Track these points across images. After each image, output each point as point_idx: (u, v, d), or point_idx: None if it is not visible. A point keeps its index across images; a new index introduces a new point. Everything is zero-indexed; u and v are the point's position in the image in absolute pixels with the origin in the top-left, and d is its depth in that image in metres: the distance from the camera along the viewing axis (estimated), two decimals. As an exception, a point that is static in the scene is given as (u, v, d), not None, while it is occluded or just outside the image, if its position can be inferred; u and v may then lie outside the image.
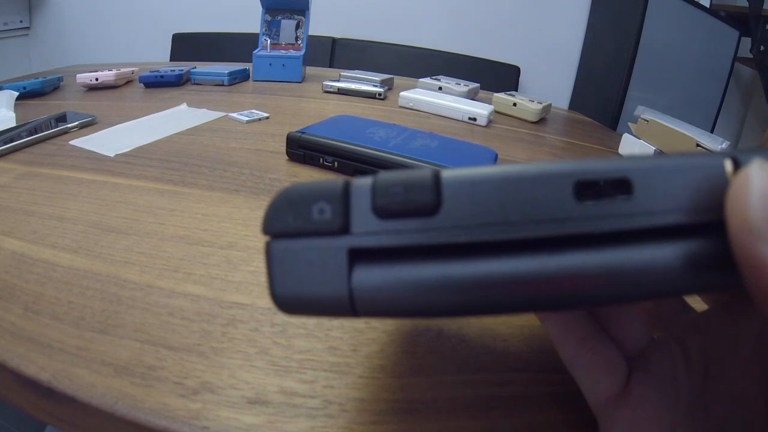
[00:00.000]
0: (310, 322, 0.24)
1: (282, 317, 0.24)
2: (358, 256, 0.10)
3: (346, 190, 0.10)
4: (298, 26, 0.91)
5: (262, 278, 0.27)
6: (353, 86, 0.77)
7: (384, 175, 0.10)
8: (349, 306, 0.10)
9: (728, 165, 0.10)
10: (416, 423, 0.19)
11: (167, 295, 0.25)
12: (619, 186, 0.10)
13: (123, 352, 0.21)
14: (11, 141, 0.47)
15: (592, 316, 0.19)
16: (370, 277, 0.10)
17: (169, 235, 0.31)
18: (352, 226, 0.10)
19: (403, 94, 0.73)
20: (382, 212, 0.10)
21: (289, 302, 0.11)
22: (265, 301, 0.25)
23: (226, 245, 0.30)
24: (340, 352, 0.22)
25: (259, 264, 0.28)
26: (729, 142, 0.53)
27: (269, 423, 0.19)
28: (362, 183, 0.10)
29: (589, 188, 0.10)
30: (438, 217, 0.10)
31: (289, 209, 0.11)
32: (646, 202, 0.10)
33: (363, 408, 0.19)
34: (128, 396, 0.19)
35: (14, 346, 0.22)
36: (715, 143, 0.51)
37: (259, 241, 0.31)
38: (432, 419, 0.19)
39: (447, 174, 0.10)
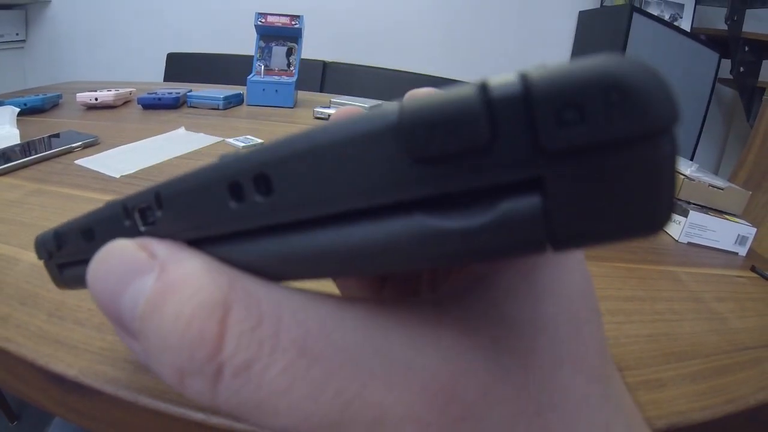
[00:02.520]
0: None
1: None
2: None
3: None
4: (290, 53, 0.95)
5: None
6: (343, 112, 0.81)
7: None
8: None
9: None
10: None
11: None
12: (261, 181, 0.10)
13: (142, 353, 0.25)
14: (18, 158, 0.50)
15: None
16: None
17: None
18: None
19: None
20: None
21: (63, 288, 0.17)
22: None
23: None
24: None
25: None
26: (698, 165, 0.58)
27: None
28: None
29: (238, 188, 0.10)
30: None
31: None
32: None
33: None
34: (149, 388, 0.22)
35: (42, 347, 0.25)
36: (685, 166, 0.56)
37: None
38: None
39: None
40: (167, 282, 0.10)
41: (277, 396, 0.10)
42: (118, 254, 0.11)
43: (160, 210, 0.12)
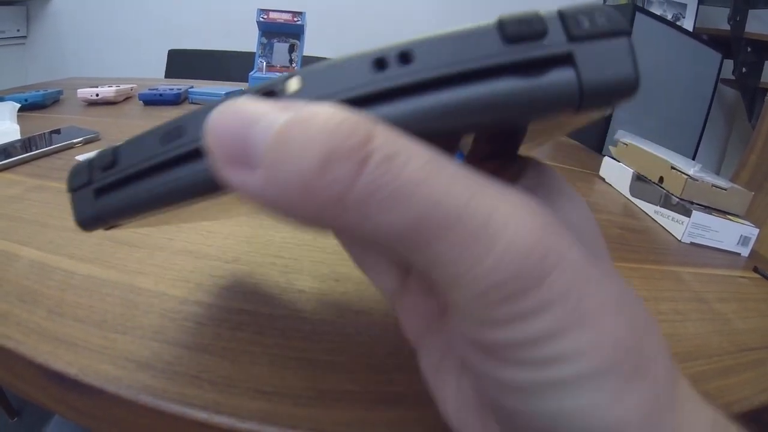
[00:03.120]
0: (306, 327, 0.27)
1: (282, 323, 0.27)
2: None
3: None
4: (291, 49, 0.95)
5: (265, 288, 0.30)
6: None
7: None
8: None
9: None
10: (400, 412, 0.22)
11: (181, 302, 0.28)
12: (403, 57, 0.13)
13: (144, 351, 0.24)
14: (19, 153, 0.50)
15: None
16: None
17: (178, 249, 0.34)
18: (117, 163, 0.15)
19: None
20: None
21: (86, 224, 0.17)
22: (268, 309, 0.28)
23: (231, 260, 0.33)
24: (332, 352, 0.26)
25: (262, 277, 0.32)
26: (701, 165, 0.57)
27: (272, 410, 0.22)
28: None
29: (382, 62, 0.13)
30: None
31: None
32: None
33: (354, 399, 0.23)
34: (151, 387, 0.22)
35: (41, 344, 0.25)
36: (688, 166, 0.56)
37: (261, 257, 0.35)
38: (414, 408, 0.23)
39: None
40: (312, 109, 0.11)
41: (414, 183, 0.11)
42: (251, 100, 0.12)
43: (291, 90, 0.13)
